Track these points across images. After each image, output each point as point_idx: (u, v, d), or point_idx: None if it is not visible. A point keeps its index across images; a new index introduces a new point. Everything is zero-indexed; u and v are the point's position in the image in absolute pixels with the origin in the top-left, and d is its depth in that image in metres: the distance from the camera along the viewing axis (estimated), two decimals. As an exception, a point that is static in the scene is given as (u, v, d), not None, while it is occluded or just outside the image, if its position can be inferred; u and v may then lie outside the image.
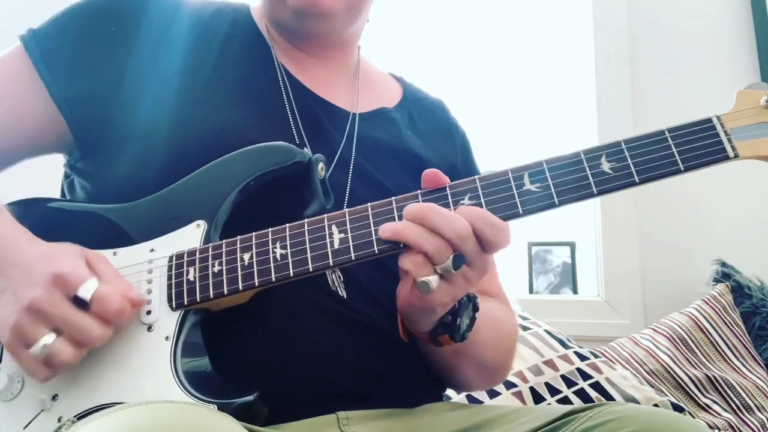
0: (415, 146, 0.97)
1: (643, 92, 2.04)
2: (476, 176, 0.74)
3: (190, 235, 0.78)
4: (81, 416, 0.71)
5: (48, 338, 0.68)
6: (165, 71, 0.88)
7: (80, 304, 0.69)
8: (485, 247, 0.71)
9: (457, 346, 0.81)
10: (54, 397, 0.73)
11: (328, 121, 0.92)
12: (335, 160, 0.89)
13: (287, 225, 0.75)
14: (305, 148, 0.81)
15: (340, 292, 0.80)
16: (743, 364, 1.60)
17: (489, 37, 2.18)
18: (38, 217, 0.85)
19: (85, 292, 0.69)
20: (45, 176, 1.03)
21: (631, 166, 0.71)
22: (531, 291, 2.05)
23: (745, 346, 1.63)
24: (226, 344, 0.77)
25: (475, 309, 0.80)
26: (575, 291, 2.05)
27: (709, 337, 1.62)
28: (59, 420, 0.72)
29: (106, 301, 0.69)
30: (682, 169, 0.70)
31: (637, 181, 0.71)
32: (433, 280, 0.69)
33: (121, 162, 0.84)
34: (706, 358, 1.59)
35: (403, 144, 0.96)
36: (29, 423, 0.73)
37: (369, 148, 0.92)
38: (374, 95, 1.01)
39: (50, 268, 0.69)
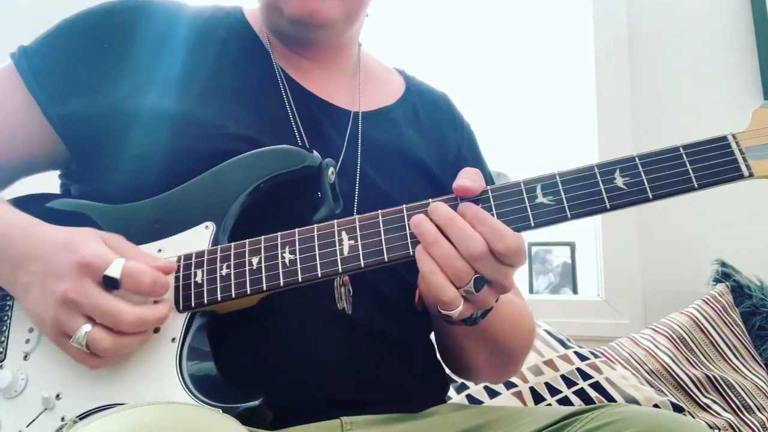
0: (417, 148, 0.97)
1: (643, 92, 2.04)
2: (488, 187, 0.74)
3: (199, 237, 0.78)
4: (84, 416, 0.70)
5: (85, 328, 0.68)
6: (161, 81, 0.87)
7: (112, 285, 0.68)
8: (502, 262, 0.70)
9: (471, 329, 0.80)
10: (58, 396, 0.73)
11: (328, 123, 0.92)
12: (338, 166, 0.88)
13: (296, 230, 0.75)
14: (314, 152, 0.81)
15: (347, 309, 0.80)
16: (743, 364, 1.60)
17: (489, 38, 2.18)
18: (42, 214, 0.84)
19: (114, 271, 0.68)
20: (43, 182, 1.02)
21: (645, 182, 0.71)
22: (531, 291, 2.05)
23: (745, 346, 1.63)
24: (232, 347, 0.77)
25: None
26: (575, 291, 2.05)
27: (709, 337, 1.62)
28: (62, 419, 0.71)
29: (138, 276, 0.69)
30: (696, 186, 0.70)
31: (650, 197, 0.70)
32: (457, 312, 0.70)
33: (120, 171, 0.84)
34: (706, 358, 1.59)
35: (405, 146, 0.96)
36: (32, 421, 0.73)
37: (373, 152, 0.92)
38: (376, 92, 1.01)
39: (72, 256, 0.69)
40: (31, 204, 0.85)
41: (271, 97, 0.90)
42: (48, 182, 0.98)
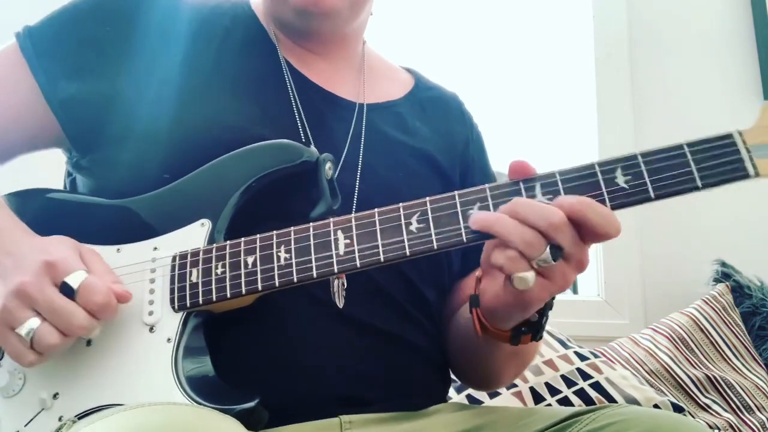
0: (424, 139, 0.96)
1: (643, 92, 2.04)
2: (486, 186, 0.72)
3: (194, 234, 0.77)
4: (82, 416, 0.70)
5: (33, 322, 0.68)
6: (163, 68, 0.87)
7: (68, 293, 0.68)
8: (591, 236, 0.67)
9: (520, 346, 0.78)
10: (55, 396, 0.73)
11: (333, 115, 0.91)
12: (342, 160, 0.87)
13: (292, 228, 0.74)
14: (311, 146, 0.80)
15: (338, 303, 0.79)
16: (743, 364, 1.60)
17: (489, 37, 2.18)
18: (40, 208, 0.84)
19: (73, 280, 0.69)
20: (47, 171, 1.02)
21: (648, 183, 0.68)
22: (531, 291, 2.04)
23: (745, 346, 1.63)
24: (228, 347, 0.76)
25: (550, 307, 0.76)
26: (575, 291, 2.05)
27: (709, 337, 1.62)
28: (60, 419, 0.71)
29: (92, 293, 0.69)
30: (699, 186, 0.67)
31: (653, 197, 0.68)
32: (530, 276, 0.66)
33: (121, 161, 0.84)
34: (706, 358, 1.59)
35: (411, 137, 0.95)
36: (30, 421, 0.73)
37: (377, 144, 0.91)
38: (382, 87, 1.00)
39: (42, 256, 0.70)
40: (30, 198, 0.85)
41: (275, 87, 0.90)
42: (49, 177, 0.98)
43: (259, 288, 0.73)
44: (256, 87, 0.89)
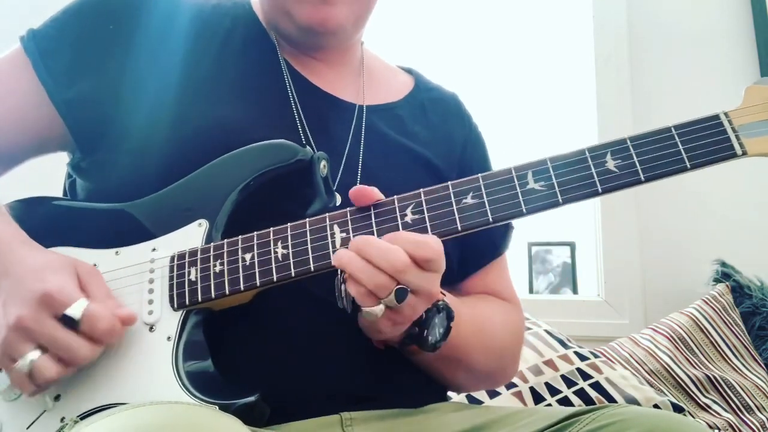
0: (423, 143, 0.96)
1: (643, 92, 2.04)
2: (479, 175, 0.73)
3: (192, 235, 0.78)
4: (83, 416, 0.71)
5: (32, 355, 0.68)
6: (164, 69, 0.87)
7: (69, 322, 0.68)
8: (434, 269, 0.70)
9: (438, 353, 0.79)
10: (56, 398, 0.73)
11: (333, 116, 0.92)
12: (343, 161, 0.88)
13: (289, 224, 0.75)
14: (308, 146, 0.81)
15: (347, 308, 0.80)
16: (743, 364, 1.60)
17: (489, 37, 2.18)
18: (41, 215, 0.85)
19: (74, 311, 0.68)
20: (46, 176, 1.03)
21: (637, 164, 0.70)
22: (531, 291, 2.05)
23: (745, 346, 1.63)
24: (229, 344, 0.77)
25: (450, 318, 0.77)
26: (575, 291, 2.05)
27: (709, 337, 1.62)
28: (62, 420, 0.72)
29: (96, 321, 0.69)
30: (688, 166, 0.69)
31: (642, 179, 0.70)
32: (378, 310, 0.69)
33: (121, 162, 0.84)
34: (706, 358, 1.59)
35: (410, 140, 0.95)
36: (32, 423, 0.73)
37: (376, 145, 0.91)
38: (381, 89, 1.00)
39: (38, 284, 0.69)
40: (32, 206, 0.86)
41: (275, 89, 0.90)
42: (48, 182, 0.98)
43: (258, 283, 0.73)
44: (257, 89, 0.89)
